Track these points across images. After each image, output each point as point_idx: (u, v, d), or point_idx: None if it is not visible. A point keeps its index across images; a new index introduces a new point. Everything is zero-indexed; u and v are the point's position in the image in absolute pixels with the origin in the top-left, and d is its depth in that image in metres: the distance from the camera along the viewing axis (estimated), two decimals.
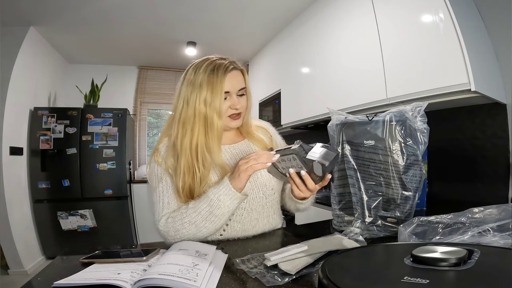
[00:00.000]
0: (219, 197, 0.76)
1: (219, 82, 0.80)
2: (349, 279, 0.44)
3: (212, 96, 0.80)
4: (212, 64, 0.83)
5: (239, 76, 0.86)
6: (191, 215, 0.78)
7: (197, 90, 0.81)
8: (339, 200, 0.93)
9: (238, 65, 0.87)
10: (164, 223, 0.81)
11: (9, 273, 2.59)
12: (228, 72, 0.82)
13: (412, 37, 1.46)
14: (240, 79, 0.86)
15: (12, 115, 2.59)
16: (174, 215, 0.81)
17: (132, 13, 2.57)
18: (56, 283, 0.53)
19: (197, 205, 0.78)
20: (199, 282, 0.51)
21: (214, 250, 0.70)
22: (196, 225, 0.77)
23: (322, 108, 2.09)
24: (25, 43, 2.66)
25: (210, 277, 0.56)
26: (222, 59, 0.85)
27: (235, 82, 0.84)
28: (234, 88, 0.84)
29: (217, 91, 0.80)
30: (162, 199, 0.84)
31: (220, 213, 0.77)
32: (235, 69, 0.85)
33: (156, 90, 4.07)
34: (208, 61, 0.84)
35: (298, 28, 2.55)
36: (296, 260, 0.60)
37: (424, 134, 0.84)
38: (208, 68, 0.82)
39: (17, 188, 2.71)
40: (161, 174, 0.85)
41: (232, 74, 0.83)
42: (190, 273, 0.54)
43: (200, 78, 0.81)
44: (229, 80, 0.82)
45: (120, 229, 3.17)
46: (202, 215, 0.77)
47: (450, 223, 0.68)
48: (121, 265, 0.61)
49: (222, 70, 0.81)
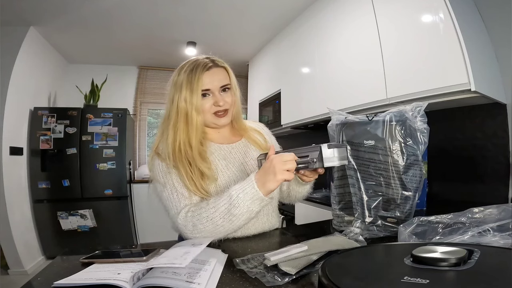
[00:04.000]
0: (238, 195, 0.72)
1: (196, 80, 0.83)
2: (349, 279, 0.44)
3: (191, 94, 0.83)
4: (193, 64, 0.86)
5: (220, 73, 0.88)
6: (209, 210, 0.75)
7: (179, 90, 0.84)
8: (339, 200, 0.93)
9: (220, 63, 0.89)
10: (183, 216, 0.78)
11: (9, 273, 2.59)
12: (206, 70, 0.84)
13: (412, 37, 1.46)
14: (222, 77, 0.88)
15: (12, 115, 2.59)
16: (194, 209, 0.78)
17: (132, 13, 2.57)
18: (56, 283, 0.53)
19: (217, 201, 0.75)
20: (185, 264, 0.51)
21: (214, 251, 0.71)
22: (213, 222, 0.74)
23: (322, 108, 2.09)
24: (25, 43, 2.65)
25: (210, 277, 0.56)
26: (206, 58, 0.88)
27: (215, 80, 0.86)
28: (214, 86, 0.86)
29: (194, 89, 0.83)
30: (176, 191, 0.81)
31: (238, 213, 0.72)
32: (215, 67, 0.87)
33: (156, 90, 4.07)
34: (191, 61, 0.88)
35: (298, 28, 2.55)
36: (296, 260, 0.60)
37: (424, 134, 0.84)
38: (189, 68, 0.85)
39: (17, 188, 2.70)
40: (167, 169, 0.84)
41: (211, 72, 0.85)
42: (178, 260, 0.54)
43: (181, 78, 0.85)
44: (208, 77, 0.85)
45: (120, 229, 3.16)
46: (220, 212, 0.74)
47: (450, 223, 0.68)
48: (121, 265, 0.61)
49: (200, 68, 0.84)
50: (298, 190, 0.98)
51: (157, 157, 0.86)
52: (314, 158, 0.70)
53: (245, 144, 0.97)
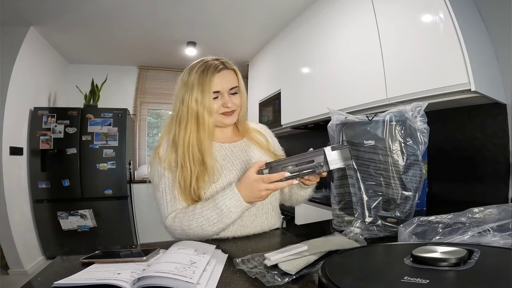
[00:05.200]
0: (230, 209, 0.77)
1: (208, 82, 0.84)
2: (349, 279, 0.44)
3: (202, 95, 0.84)
4: (204, 65, 0.87)
5: (230, 75, 0.89)
6: (198, 219, 0.79)
7: (190, 90, 0.85)
8: (339, 200, 0.93)
9: (230, 65, 0.91)
10: (171, 221, 0.83)
11: (9, 273, 2.59)
12: (217, 72, 0.86)
13: (412, 37, 1.46)
14: (232, 78, 0.90)
15: (12, 115, 2.59)
16: (181, 216, 0.82)
17: (132, 13, 2.57)
18: (56, 283, 0.53)
19: (206, 212, 0.79)
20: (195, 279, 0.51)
21: (213, 249, 0.71)
22: (203, 229, 0.80)
23: (322, 108, 2.09)
24: (25, 43, 2.65)
25: (210, 277, 0.56)
26: (216, 59, 0.90)
27: (225, 82, 0.87)
28: (224, 87, 0.87)
29: (206, 90, 0.84)
30: (165, 196, 0.86)
31: (229, 222, 0.80)
32: (225, 69, 0.88)
33: (156, 90, 4.06)
34: (201, 62, 0.89)
35: (298, 28, 2.55)
36: (296, 260, 0.60)
37: (424, 134, 0.84)
38: (200, 69, 0.86)
39: (17, 188, 2.70)
40: (163, 171, 0.87)
41: (222, 74, 0.87)
42: (187, 271, 0.54)
43: (192, 79, 0.86)
44: (219, 79, 0.86)
45: (120, 229, 3.16)
46: (210, 221, 0.79)
47: (450, 223, 0.68)
48: (121, 265, 0.61)
49: (211, 70, 0.85)
50: (300, 194, 0.99)
51: (156, 158, 0.88)
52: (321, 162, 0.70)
53: (246, 144, 0.98)
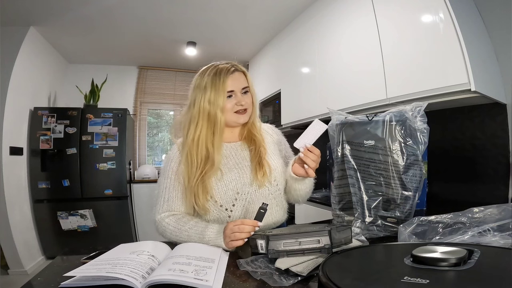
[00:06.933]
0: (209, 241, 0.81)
1: (222, 83, 0.90)
2: (349, 279, 0.44)
3: (215, 95, 0.90)
4: (216, 68, 0.94)
5: (241, 77, 0.96)
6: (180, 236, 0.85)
7: (202, 92, 0.92)
8: (339, 200, 0.93)
9: (240, 68, 0.97)
10: (160, 219, 0.91)
11: (9, 273, 2.59)
12: (230, 74, 0.92)
13: (412, 37, 1.46)
14: (243, 79, 0.96)
15: (12, 115, 2.59)
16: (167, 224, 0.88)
17: (132, 13, 2.56)
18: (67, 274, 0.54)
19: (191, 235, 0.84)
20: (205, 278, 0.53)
21: (221, 251, 0.72)
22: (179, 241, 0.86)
23: (322, 108, 2.09)
24: (25, 43, 2.65)
25: (214, 277, 0.56)
26: (227, 63, 0.96)
27: (238, 82, 0.94)
28: (238, 87, 0.94)
29: (221, 90, 0.90)
30: (163, 195, 0.93)
31: None
32: (237, 71, 0.95)
33: (156, 90, 4.06)
34: (212, 66, 0.96)
35: (298, 28, 2.55)
36: (305, 263, 0.60)
37: (424, 134, 0.84)
38: (212, 72, 0.93)
39: (17, 188, 2.70)
40: (171, 171, 0.94)
41: (234, 75, 0.94)
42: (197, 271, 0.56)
43: (205, 81, 0.92)
44: (232, 80, 0.92)
45: (120, 229, 3.16)
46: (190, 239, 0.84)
47: (450, 223, 0.68)
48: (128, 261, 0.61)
49: (224, 72, 0.92)
50: (296, 187, 0.96)
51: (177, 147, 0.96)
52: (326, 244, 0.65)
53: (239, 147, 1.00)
